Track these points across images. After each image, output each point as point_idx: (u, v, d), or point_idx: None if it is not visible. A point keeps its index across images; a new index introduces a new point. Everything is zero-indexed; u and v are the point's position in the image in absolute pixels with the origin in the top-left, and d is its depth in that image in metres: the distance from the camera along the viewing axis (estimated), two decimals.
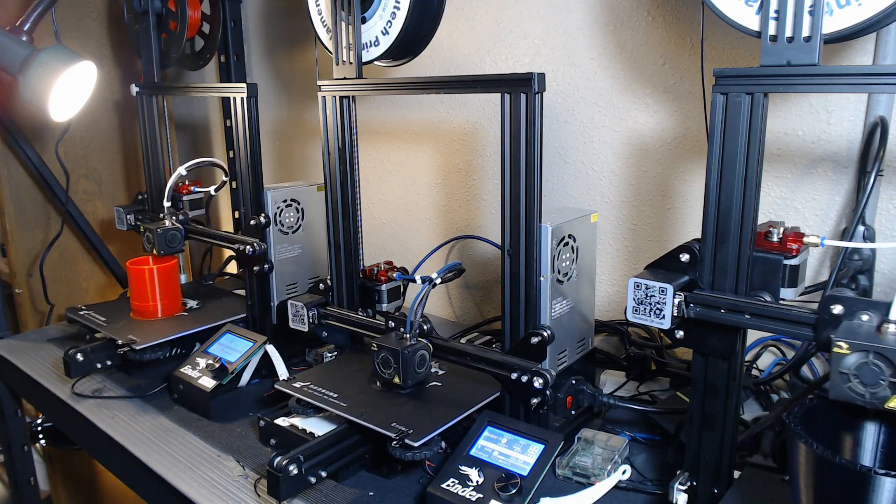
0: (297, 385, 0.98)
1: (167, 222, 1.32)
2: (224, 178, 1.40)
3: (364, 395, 0.95)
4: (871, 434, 0.69)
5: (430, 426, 0.85)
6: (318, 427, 0.93)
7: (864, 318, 0.62)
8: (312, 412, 0.96)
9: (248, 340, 1.14)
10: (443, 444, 0.86)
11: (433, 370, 1.03)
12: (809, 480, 0.62)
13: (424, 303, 0.93)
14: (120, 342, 1.16)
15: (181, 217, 1.34)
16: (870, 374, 0.58)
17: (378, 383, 0.96)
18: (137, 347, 1.15)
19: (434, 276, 0.96)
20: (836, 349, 0.59)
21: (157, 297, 1.29)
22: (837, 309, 0.63)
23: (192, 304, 1.37)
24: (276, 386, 1.00)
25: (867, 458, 0.69)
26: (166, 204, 1.34)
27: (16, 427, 1.56)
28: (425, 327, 0.95)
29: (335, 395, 0.94)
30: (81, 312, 1.31)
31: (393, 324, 0.98)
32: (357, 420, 0.88)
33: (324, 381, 0.99)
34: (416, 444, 0.81)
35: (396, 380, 0.91)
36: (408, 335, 0.94)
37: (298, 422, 0.95)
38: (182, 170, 1.32)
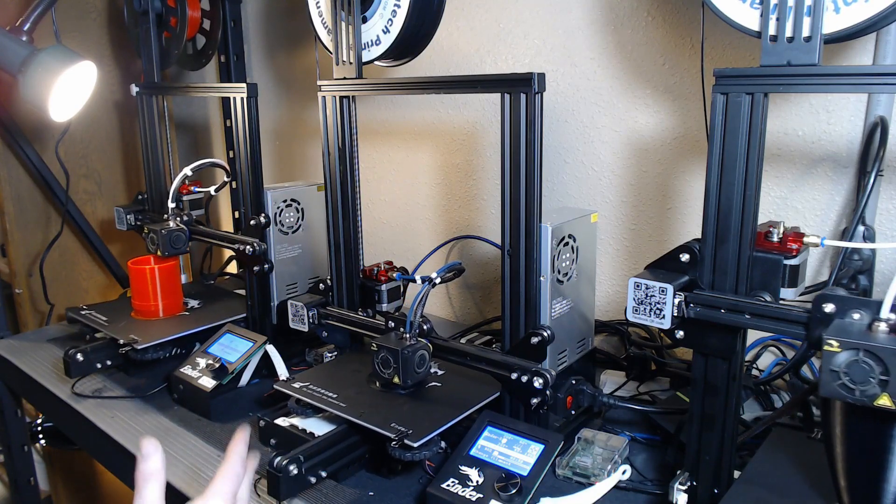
0: (297, 385, 0.98)
1: (171, 223, 1.31)
2: (225, 179, 1.40)
3: (363, 395, 0.95)
4: None
5: (429, 427, 0.85)
6: (318, 427, 0.93)
7: (856, 316, 0.63)
8: (311, 413, 0.96)
9: (248, 340, 1.14)
10: (443, 444, 0.86)
11: (432, 370, 1.03)
12: (843, 425, 0.65)
13: (424, 302, 0.93)
14: (122, 342, 1.17)
15: (185, 218, 1.33)
16: (860, 371, 0.58)
17: (377, 383, 0.96)
18: (139, 347, 1.15)
19: (433, 275, 0.96)
20: (826, 347, 0.59)
21: (158, 296, 1.29)
22: (829, 307, 0.64)
23: (193, 303, 1.37)
24: (275, 386, 1.00)
25: None
26: (171, 205, 1.32)
27: (16, 427, 1.56)
28: (425, 327, 0.95)
29: (334, 396, 0.94)
30: (83, 312, 1.31)
31: (393, 324, 0.98)
32: (356, 420, 0.88)
33: (323, 381, 0.99)
34: (416, 445, 0.81)
35: (396, 380, 0.91)
36: (407, 335, 0.93)
37: (298, 422, 0.95)
38: (188, 170, 1.31)
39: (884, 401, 0.58)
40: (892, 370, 0.56)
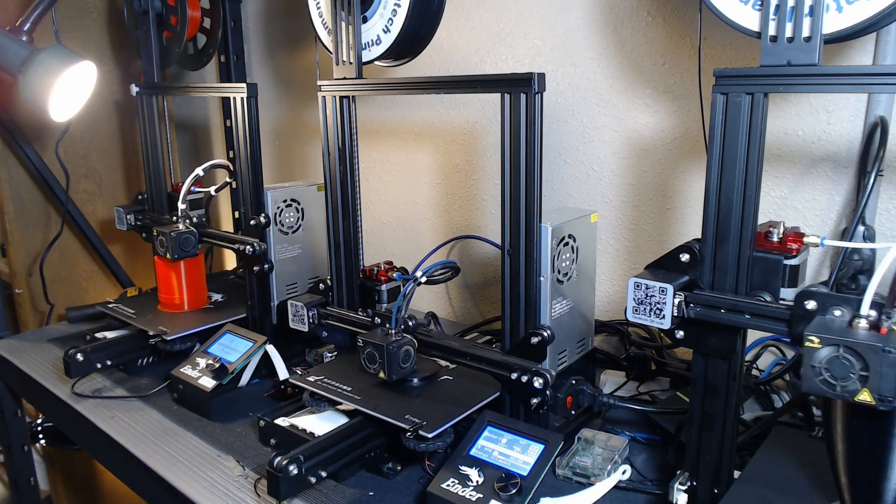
0: (311, 379, 0.99)
1: (181, 225, 1.30)
2: (227, 180, 1.40)
3: (374, 389, 0.96)
4: None
5: (442, 418, 0.86)
6: (318, 426, 0.93)
7: (837, 313, 0.63)
8: (326, 406, 0.97)
9: (248, 340, 1.14)
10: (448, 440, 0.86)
11: (445, 364, 1.04)
12: (843, 423, 0.66)
13: (409, 300, 0.95)
14: (151, 333, 1.20)
15: (194, 220, 1.32)
16: (840, 367, 0.58)
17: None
18: (168, 338, 1.19)
19: (419, 274, 0.97)
20: (807, 343, 0.60)
21: (184, 290, 1.32)
22: (811, 304, 0.64)
23: (216, 297, 1.40)
24: (290, 380, 1.02)
25: None
26: (181, 206, 1.31)
27: (16, 427, 1.56)
28: (410, 323, 0.96)
29: (349, 389, 0.95)
30: (111, 306, 1.35)
31: (379, 320, 0.99)
32: (372, 412, 0.89)
33: (334, 376, 1.01)
34: (430, 436, 0.83)
35: (382, 374, 0.92)
36: (393, 331, 0.94)
37: (298, 422, 0.95)
38: (200, 170, 1.30)
39: (864, 396, 0.58)
40: (872, 366, 0.57)
